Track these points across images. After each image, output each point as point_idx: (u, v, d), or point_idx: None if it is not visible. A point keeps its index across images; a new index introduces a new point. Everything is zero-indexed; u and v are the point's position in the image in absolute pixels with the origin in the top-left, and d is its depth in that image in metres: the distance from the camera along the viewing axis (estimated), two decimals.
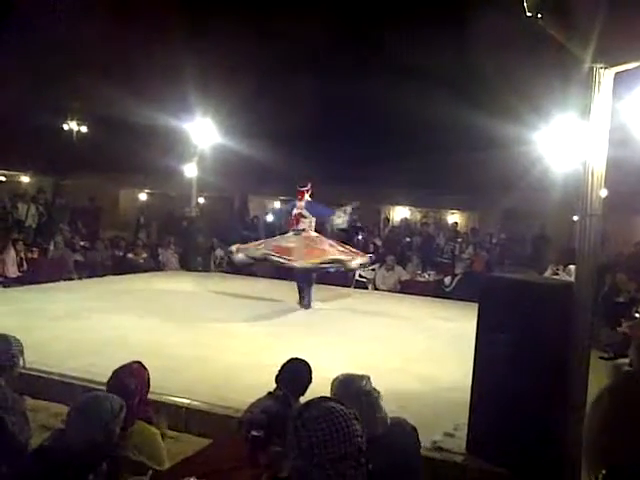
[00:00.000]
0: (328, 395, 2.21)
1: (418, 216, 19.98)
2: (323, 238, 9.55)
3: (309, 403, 1.67)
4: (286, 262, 8.88)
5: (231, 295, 10.29)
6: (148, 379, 3.41)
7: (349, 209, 9.83)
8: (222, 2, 16.86)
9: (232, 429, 3.57)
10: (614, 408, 0.66)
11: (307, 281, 9.60)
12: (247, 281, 11.73)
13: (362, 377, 2.92)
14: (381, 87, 16.78)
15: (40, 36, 16.64)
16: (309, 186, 9.70)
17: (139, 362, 3.45)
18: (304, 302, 9.57)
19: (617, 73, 3.90)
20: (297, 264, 8.83)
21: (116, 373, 3.31)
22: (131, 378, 3.26)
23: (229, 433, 3.68)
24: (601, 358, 7.15)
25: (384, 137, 18.46)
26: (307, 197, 9.61)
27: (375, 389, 2.89)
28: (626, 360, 6.46)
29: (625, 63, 3.87)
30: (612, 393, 0.68)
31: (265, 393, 3.62)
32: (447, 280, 12.08)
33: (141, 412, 3.28)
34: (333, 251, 9.20)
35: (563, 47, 4.06)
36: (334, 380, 2.93)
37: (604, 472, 0.64)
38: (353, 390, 2.80)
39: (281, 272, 10.65)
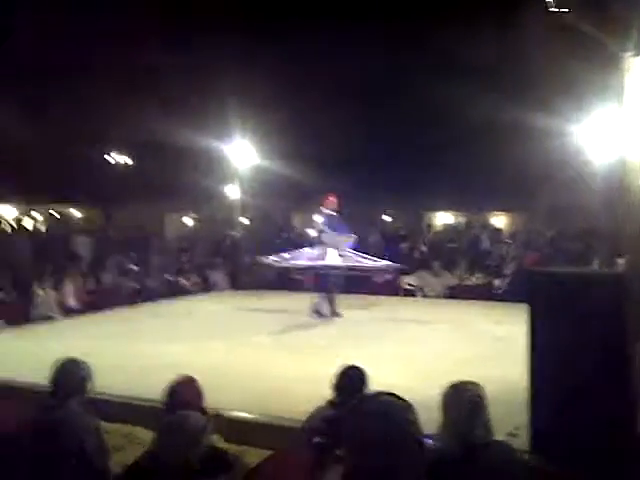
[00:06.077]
0: None
1: (461, 220, 19.81)
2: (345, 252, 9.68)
3: (363, 398, 1.74)
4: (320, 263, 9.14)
5: (278, 310, 10.44)
6: (200, 388, 3.56)
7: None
8: (263, 26, 17.16)
9: (294, 439, 3.67)
10: None
11: (335, 288, 9.76)
12: (293, 296, 11.86)
13: (470, 384, 2.97)
14: (418, 88, 16.76)
15: (77, 68, 17.28)
16: (328, 199, 9.79)
17: (187, 375, 3.61)
18: (331, 309, 9.72)
19: None
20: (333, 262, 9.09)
21: (170, 388, 3.48)
22: (185, 389, 3.42)
23: (292, 443, 3.77)
24: None
25: (424, 145, 18.42)
26: (327, 211, 9.72)
27: (480, 396, 2.92)
28: None
29: None
30: None
31: (323, 402, 3.70)
32: (497, 282, 11.95)
33: None
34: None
35: (590, 39, 4.07)
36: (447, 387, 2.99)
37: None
38: (462, 396, 2.86)
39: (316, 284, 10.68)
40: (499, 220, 19.73)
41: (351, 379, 3.69)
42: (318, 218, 10.48)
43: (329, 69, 17.49)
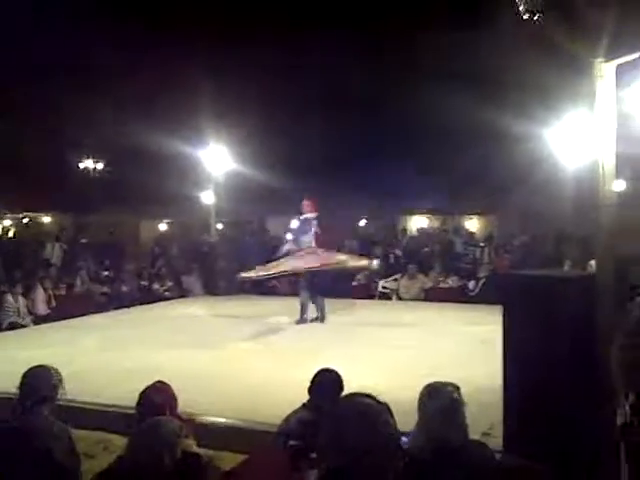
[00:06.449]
0: None
1: (436, 223, 19.97)
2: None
3: (340, 400, 1.74)
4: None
5: (254, 315, 10.38)
6: (173, 393, 3.53)
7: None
8: (236, 32, 17.10)
9: (270, 442, 3.64)
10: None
11: (319, 292, 9.70)
12: (269, 301, 11.83)
13: (447, 385, 2.94)
14: (392, 94, 16.85)
15: (52, 75, 17.04)
16: (305, 203, 9.77)
17: (160, 381, 3.58)
18: (320, 315, 9.68)
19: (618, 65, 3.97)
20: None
21: (143, 393, 3.45)
22: (158, 394, 3.40)
23: (267, 446, 3.74)
24: None
25: (398, 149, 18.54)
26: (306, 215, 9.74)
27: (456, 397, 2.88)
28: None
29: (627, 55, 3.94)
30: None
31: (298, 406, 3.69)
32: (471, 284, 12.06)
33: None
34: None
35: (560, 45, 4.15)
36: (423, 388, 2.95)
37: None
38: (439, 398, 2.83)
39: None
40: (473, 223, 19.92)
41: (326, 382, 3.68)
42: (294, 223, 10.43)
43: (303, 74, 17.52)
